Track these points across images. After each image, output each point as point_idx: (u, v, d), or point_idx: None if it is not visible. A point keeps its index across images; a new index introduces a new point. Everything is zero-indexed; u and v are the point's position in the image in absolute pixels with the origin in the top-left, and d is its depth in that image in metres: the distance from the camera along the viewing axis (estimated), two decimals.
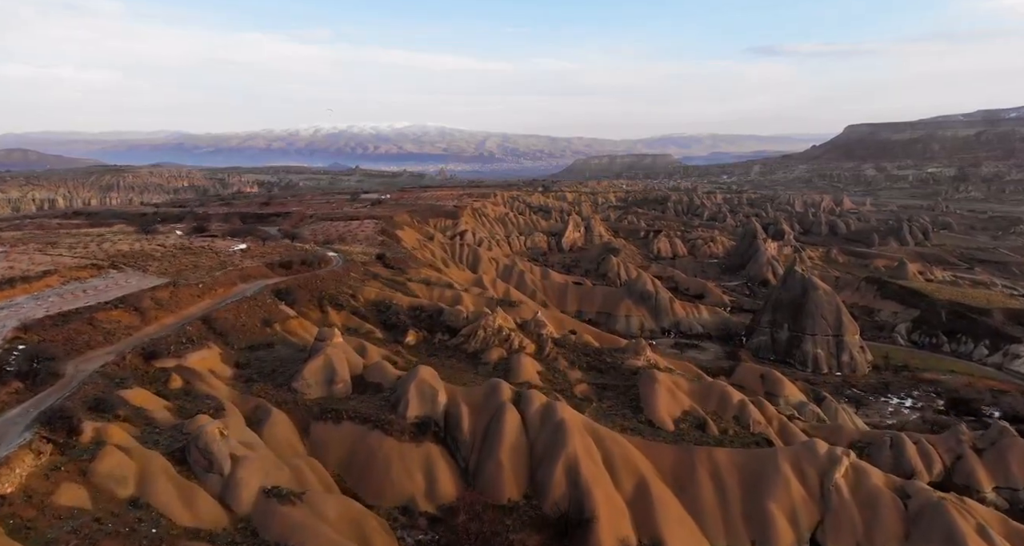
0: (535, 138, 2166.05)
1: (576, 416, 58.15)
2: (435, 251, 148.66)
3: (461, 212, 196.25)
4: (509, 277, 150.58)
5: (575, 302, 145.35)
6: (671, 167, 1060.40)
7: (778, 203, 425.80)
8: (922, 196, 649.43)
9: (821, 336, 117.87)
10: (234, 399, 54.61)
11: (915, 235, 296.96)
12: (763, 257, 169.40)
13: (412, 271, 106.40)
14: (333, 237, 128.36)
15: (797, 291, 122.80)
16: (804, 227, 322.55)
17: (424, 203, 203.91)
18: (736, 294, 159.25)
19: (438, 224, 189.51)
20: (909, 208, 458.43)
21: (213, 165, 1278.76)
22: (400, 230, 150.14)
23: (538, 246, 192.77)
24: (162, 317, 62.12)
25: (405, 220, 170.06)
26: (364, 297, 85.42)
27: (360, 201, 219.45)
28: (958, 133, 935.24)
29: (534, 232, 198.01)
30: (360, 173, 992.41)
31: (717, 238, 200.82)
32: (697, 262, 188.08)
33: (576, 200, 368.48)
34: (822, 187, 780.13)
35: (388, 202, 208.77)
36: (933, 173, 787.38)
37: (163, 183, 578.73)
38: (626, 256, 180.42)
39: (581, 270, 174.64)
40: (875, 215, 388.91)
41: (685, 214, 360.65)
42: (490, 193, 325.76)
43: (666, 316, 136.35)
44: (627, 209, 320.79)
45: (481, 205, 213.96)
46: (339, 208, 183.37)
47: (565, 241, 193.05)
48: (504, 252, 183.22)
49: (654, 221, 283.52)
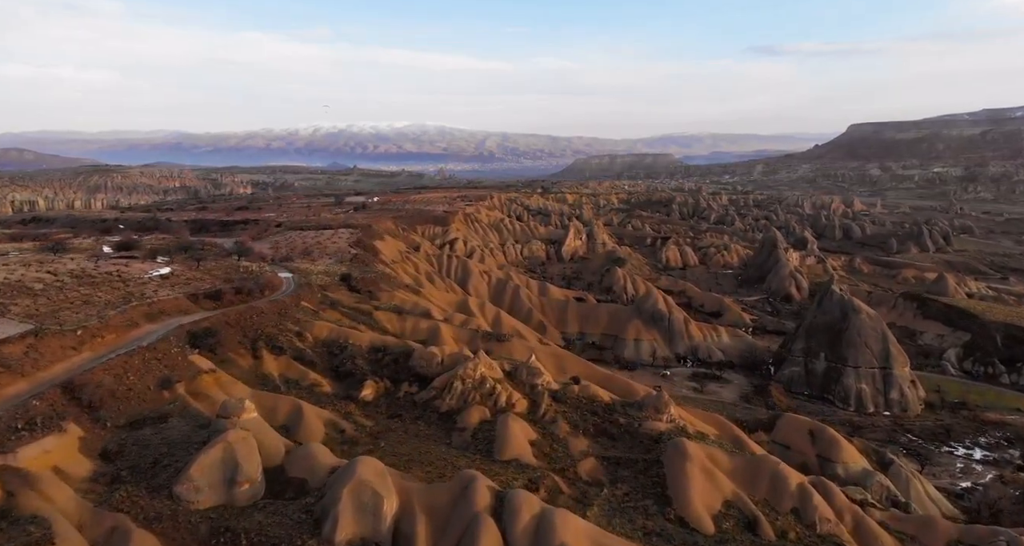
0: (535, 137, 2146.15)
1: (581, 530, 40.53)
2: (419, 264, 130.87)
3: (452, 218, 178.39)
4: (502, 294, 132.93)
5: (577, 322, 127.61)
6: (672, 167, 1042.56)
7: (786, 204, 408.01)
8: (930, 196, 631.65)
9: (865, 368, 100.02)
10: (81, 518, 36.95)
11: (935, 240, 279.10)
12: (785, 269, 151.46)
13: (384, 295, 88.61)
14: (297, 251, 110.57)
15: (835, 314, 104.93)
16: (817, 231, 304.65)
17: (412, 208, 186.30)
18: (757, 311, 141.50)
19: (427, 231, 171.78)
20: (921, 210, 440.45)
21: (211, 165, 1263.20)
22: (380, 240, 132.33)
23: (536, 255, 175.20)
24: (4, 385, 44.33)
25: (388, 228, 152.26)
26: (314, 335, 67.61)
27: (343, 205, 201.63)
28: (963, 132, 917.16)
29: (531, 240, 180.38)
30: (358, 173, 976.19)
31: (731, 246, 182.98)
32: (710, 273, 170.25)
33: (577, 202, 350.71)
34: (826, 187, 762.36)
35: (373, 207, 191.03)
36: (939, 173, 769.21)
37: (153, 184, 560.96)
38: (632, 267, 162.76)
39: (583, 283, 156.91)
40: (888, 217, 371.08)
41: (691, 217, 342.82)
42: (487, 195, 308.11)
43: (681, 340, 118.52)
44: (630, 212, 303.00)
45: (474, 210, 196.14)
46: (317, 214, 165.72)
47: (565, 250, 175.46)
48: (499, 262, 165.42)
49: (660, 225, 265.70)
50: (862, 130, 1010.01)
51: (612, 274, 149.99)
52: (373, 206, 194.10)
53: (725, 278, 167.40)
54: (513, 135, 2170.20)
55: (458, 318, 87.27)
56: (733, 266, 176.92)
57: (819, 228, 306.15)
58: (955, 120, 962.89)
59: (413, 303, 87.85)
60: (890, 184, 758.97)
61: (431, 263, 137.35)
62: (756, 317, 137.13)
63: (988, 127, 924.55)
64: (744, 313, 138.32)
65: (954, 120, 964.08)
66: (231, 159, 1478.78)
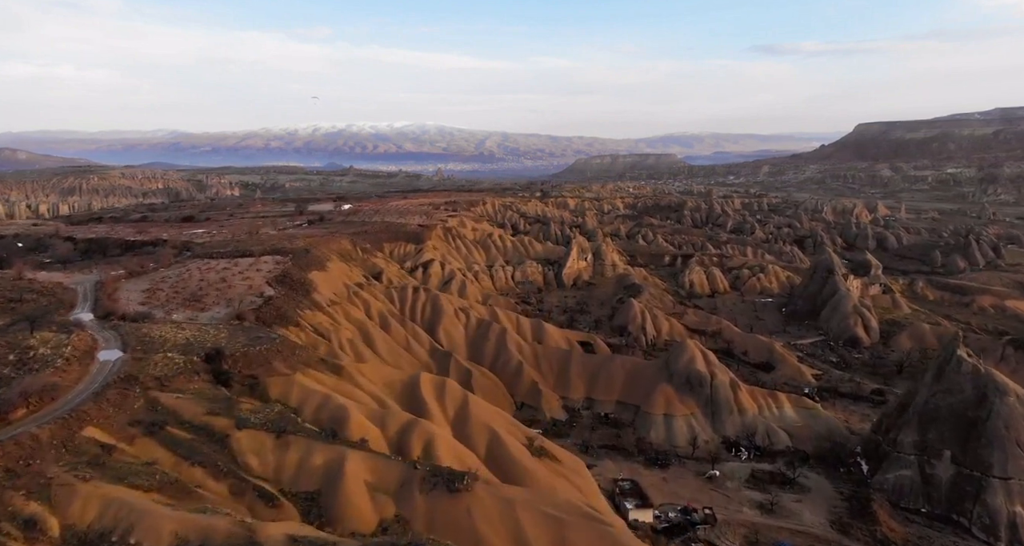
0: (535, 137, 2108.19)
1: None
2: (373, 304, 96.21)
3: (428, 234, 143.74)
4: (483, 342, 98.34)
5: (583, 382, 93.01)
6: (675, 167, 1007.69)
7: (804, 209, 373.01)
8: (947, 199, 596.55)
9: (1020, 481, 65.48)
10: None
11: (984, 252, 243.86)
12: (847, 304, 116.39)
13: (275, 383, 54.00)
14: (184, 295, 76.01)
15: (967, 395, 70.21)
16: (847, 240, 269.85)
17: (381, 222, 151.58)
18: (817, 363, 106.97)
19: (396, 251, 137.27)
20: (949, 214, 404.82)
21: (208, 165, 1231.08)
22: (319, 270, 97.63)
23: (531, 279, 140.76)
24: None
25: (341, 250, 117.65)
26: (66, 521, 33.10)
27: (303, 216, 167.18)
28: (975, 132, 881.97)
29: (525, 261, 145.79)
30: (354, 173, 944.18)
31: (768, 268, 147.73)
32: (746, 303, 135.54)
33: (579, 208, 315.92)
34: (836, 189, 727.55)
35: (336, 218, 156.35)
36: (953, 174, 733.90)
37: (133, 185, 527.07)
38: (651, 297, 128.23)
39: (590, 319, 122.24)
40: (917, 223, 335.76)
41: (704, 224, 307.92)
42: (479, 200, 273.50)
43: (729, 415, 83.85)
44: (639, 220, 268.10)
45: (457, 223, 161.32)
46: (255, 231, 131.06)
47: (567, 273, 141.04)
48: (484, 291, 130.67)
49: (673, 236, 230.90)
50: (870, 130, 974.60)
51: (627, 310, 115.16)
52: (336, 217, 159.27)
53: (766, 310, 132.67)
54: (513, 135, 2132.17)
55: (393, 424, 52.39)
56: (773, 294, 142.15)
57: (849, 237, 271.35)
58: (966, 119, 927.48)
59: (322, 398, 53.05)
60: (902, 185, 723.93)
61: (391, 299, 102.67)
62: (820, 371, 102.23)
63: (1000, 126, 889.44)
64: (802, 364, 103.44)
65: (965, 119, 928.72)
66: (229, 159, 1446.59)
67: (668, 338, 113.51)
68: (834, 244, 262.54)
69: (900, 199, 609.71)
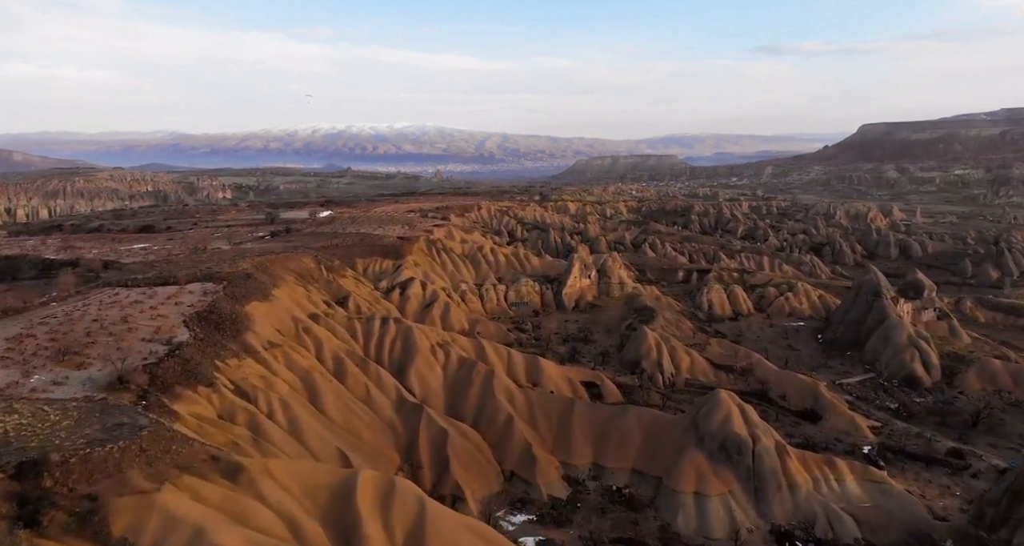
0: (536, 138, 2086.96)
1: None
2: (326, 343, 76.91)
3: (408, 248, 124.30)
4: (465, 388, 79.11)
5: (589, 445, 73.73)
6: (677, 168, 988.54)
7: (815, 212, 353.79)
8: (958, 201, 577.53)
9: None
10: None
11: (1017, 260, 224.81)
12: (900, 335, 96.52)
13: (119, 509, 34.72)
14: (63, 343, 56.79)
15: None
16: (868, 248, 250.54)
17: (357, 233, 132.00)
18: (871, 407, 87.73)
19: (371, 268, 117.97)
20: (967, 218, 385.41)
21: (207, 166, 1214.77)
22: (261, 300, 78.40)
23: (527, 300, 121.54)
24: None
25: (300, 270, 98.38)
26: None
27: (273, 225, 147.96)
28: (981, 133, 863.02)
29: (520, 278, 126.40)
30: (351, 175, 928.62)
31: (797, 287, 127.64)
32: (775, 329, 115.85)
33: (580, 212, 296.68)
34: (842, 190, 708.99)
35: (305, 231, 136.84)
36: (961, 175, 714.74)
37: (120, 188, 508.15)
38: (666, 322, 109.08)
39: (595, 349, 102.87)
40: (937, 228, 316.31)
41: (713, 229, 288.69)
42: (474, 205, 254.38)
43: (776, 492, 64.57)
44: (644, 226, 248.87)
45: (445, 234, 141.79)
46: (205, 244, 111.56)
47: (568, 293, 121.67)
48: (471, 314, 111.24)
49: (682, 244, 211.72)
50: (874, 130, 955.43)
51: (639, 341, 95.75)
52: (306, 228, 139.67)
53: (799, 337, 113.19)
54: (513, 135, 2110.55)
55: None
56: (804, 316, 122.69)
57: (869, 244, 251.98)
58: (972, 120, 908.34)
59: (191, 537, 33.86)
60: (909, 187, 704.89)
61: (354, 334, 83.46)
62: (878, 423, 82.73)
63: (1007, 127, 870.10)
64: (854, 412, 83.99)
65: (971, 120, 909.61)
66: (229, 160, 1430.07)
67: (689, 376, 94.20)
68: (854, 252, 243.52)
69: (909, 201, 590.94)
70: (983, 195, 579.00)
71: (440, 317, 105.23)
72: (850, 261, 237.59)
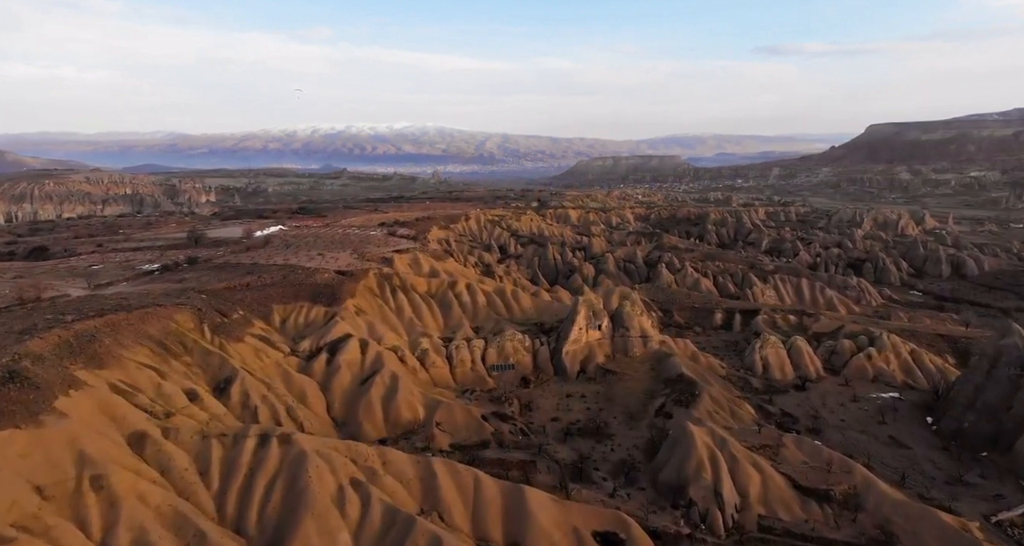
0: (536, 139, 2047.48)
1: None
2: (124, 506, 41.42)
3: (350, 288, 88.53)
4: None
5: None
6: (680, 169, 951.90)
7: (838, 219, 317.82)
8: (978, 205, 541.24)
9: None
10: None
11: None
12: None
13: None
14: None
15: None
16: (913, 265, 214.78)
17: (282, 266, 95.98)
18: None
19: (292, 319, 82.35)
20: (1006, 225, 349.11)
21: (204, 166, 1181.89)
22: (24, 426, 42.67)
23: (513, 361, 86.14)
24: None
25: (164, 333, 62.95)
26: None
27: (190, 249, 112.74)
28: (994, 133, 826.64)
29: (505, 327, 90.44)
30: (347, 176, 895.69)
31: (884, 340, 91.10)
32: (860, 406, 79.46)
33: (582, 220, 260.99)
34: (854, 193, 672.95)
35: (215, 262, 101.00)
36: (977, 177, 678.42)
37: (94, 191, 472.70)
38: (714, 405, 73.78)
39: (613, 453, 67.29)
40: (981, 239, 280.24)
41: (733, 241, 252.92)
42: (462, 215, 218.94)
43: None
44: (658, 240, 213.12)
45: (409, 263, 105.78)
46: (38, 294, 76.32)
47: (570, 351, 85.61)
48: (430, 389, 75.61)
49: (705, 263, 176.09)
50: (882, 131, 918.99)
51: (684, 452, 60.25)
52: (219, 257, 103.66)
53: (898, 421, 77.23)
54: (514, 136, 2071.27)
55: None
56: (895, 383, 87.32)
57: (916, 261, 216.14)
58: (984, 120, 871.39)
59: None
60: (924, 189, 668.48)
61: (202, 469, 48.01)
62: None
63: (1021, 127, 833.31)
64: None
65: (983, 120, 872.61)
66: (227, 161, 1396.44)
67: (764, 512, 58.66)
68: (899, 270, 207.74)
69: (925, 204, 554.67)
70: (1005, 198, 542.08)
71: (382, 400, 69.85)
72: (895, 280, 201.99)
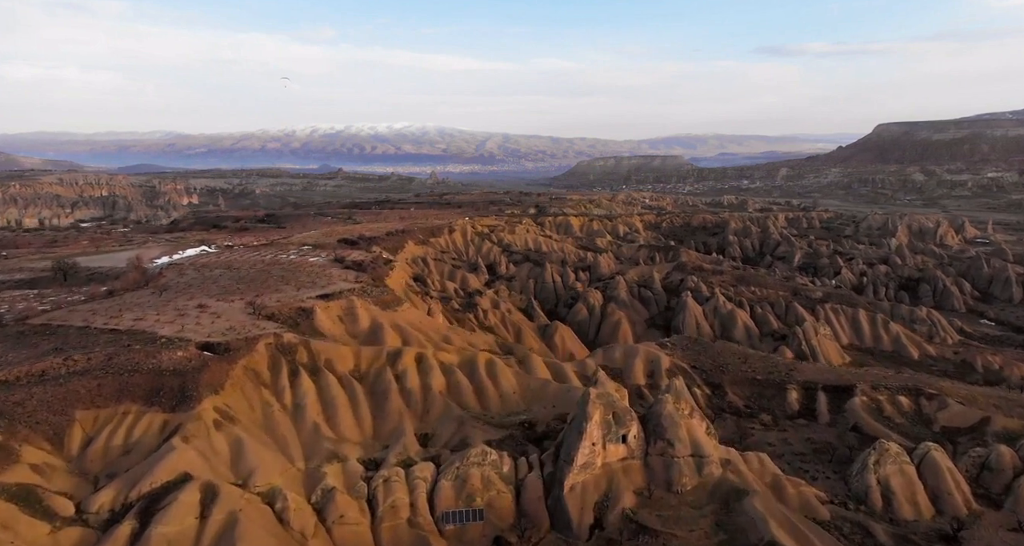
0: (537, 139, 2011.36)
1: None
2: None
3: (218, 374, 53.55)
4: None
5: None
6: (683, 170, 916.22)
7: (867, 225, 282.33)
8: (1000, 208, 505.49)
9: None
10: None
11: None
12: None
13: None
14: None
15: None
16: (977, 287, 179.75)
17: (111, 331, 61.55)
18: None
19: (108, 437, 47.25)
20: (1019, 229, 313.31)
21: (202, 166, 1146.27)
22: None
23: (480, 506, 51.86)
24: None
25: None
26: None
27: (57, 286, 78.22)
28: (1008, 132, 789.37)
29: (471, 435, 56.07)
30: (342, 176, 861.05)
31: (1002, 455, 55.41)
32: None
33: (586, 229, 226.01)
34: (866, 194, 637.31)
35: (9, 328, 66.47)
36: (995, 178, 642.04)
37: (66, 194, 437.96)
38: None
39: None
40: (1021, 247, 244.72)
41: (759, 254, 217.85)
42: (445, 226, 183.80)
43: None
44: (674, 254, 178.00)
45: (339, 315, 70.93)
46: None
47: (577, 488, 51.84)
48: None
49: (737, 288, 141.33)
50: (891, 130, 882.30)
51: None
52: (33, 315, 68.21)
53: None
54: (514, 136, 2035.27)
55: None
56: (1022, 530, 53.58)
57: (979, 282, 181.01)
58: (997, 119, 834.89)
59: None
60: (940, 191, 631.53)
61: None
62: None
63: None
64: None
65: (996, 119, 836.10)
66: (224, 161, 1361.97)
67: None
68: (963, 293, 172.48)
69: (945, 207, 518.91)
70: None
71: None
72: (960, 306, 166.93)
